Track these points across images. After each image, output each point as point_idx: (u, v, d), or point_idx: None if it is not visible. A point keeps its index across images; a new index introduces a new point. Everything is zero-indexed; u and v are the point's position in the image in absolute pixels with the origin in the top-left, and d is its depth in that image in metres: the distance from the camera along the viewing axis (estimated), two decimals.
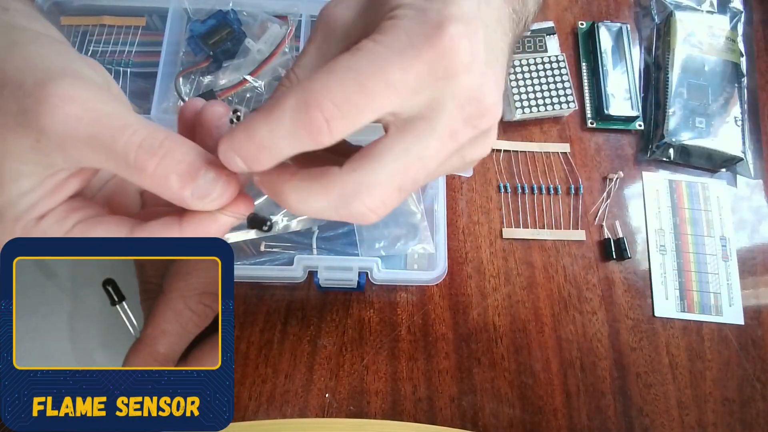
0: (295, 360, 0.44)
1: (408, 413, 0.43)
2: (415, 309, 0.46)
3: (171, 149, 0.20)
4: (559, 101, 0.52)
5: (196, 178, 0.20)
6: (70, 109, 0.19)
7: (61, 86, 0.19)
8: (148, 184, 0.20)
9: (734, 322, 0.47)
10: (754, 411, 0.45)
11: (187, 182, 0.20)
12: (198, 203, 0.20)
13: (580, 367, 0.45)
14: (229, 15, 0.47)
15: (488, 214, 0.50)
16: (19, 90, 0.20)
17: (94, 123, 0.19)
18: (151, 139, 0.20)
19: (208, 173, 0.20)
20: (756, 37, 0.57)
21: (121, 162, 0.20)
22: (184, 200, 0.20)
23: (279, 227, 0.46)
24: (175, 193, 0.20)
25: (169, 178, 0.20)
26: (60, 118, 0.19)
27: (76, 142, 0.19)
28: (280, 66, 0.47)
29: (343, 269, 0.42)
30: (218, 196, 0.20)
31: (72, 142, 0.19)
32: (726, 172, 0.53)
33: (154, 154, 0.19)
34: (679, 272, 0.49)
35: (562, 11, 0.58)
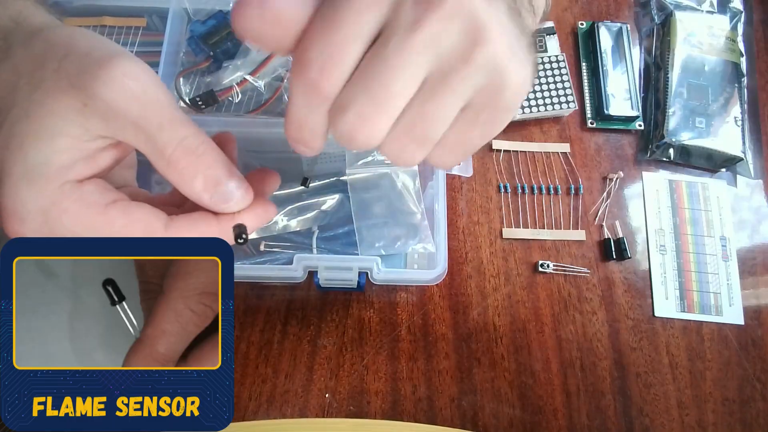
0: (295, 360, 0.44)
1: (408, 413, 0.43)
2: (415, 309, 0.46)
3: (205, 153, 0.22)
4: (559, 101, 0.52)
5: (219, 186, 0.22)
6: (129, 84, 0.20)
7: (128, 63, 0.21)
8: (173, 176, 0.22)
9: (734, 322, 0.47)
10: (754, 411, 0.45)
11: (210, 187, 0.22)
12: (215, 207, 0.23)
13: (580, 367, 0.45)
14: (229, 15, 0.47)
15: (488, 214, 0.50)
16: (85, 57, 0.21)
17: (147, 106, 0.21)
18: (191, 139, 0.21)
19: (230, 182, 0.22)
20: (756, 37, 0.57)
21: (157, 150, 0.21)
22: (201, 201, 0.22)
23: (279, 227, 0.47)
24: (196, 194, 0.22)
25: (195, 179, 0.22)
26: (118, 88, 0.20)
27: (123, 117, 0.20)
28: (280, 66, 0.47)
29: (343, 269, 0.42)
30: (235, 204, 0.23)
31: (119, 115, 0.20)
32: (726, 172, 0.53)
33: (191, 153, 0.21)
34: (679, 272, 0.49)
35: (562, 11, 0.58)
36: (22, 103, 0.21)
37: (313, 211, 0.47)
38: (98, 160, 0.22)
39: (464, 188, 0.51)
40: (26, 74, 0.21)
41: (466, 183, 0.51)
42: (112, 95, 0.20)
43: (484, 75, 0.19)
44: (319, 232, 0.46)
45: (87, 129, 0.21)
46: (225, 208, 0.23)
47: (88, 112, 0.20)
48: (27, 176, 0.21)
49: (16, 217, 0.21)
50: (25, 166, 0.21)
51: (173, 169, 0.21)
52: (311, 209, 0.47)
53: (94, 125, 0.21)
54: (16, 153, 0.21)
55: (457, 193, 0.50)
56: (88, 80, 0.20)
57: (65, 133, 0.21)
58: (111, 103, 0.20)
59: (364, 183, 0.47)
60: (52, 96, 0.21)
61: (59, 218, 0.21)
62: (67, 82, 0.20)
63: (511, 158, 0.52)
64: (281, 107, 0.47)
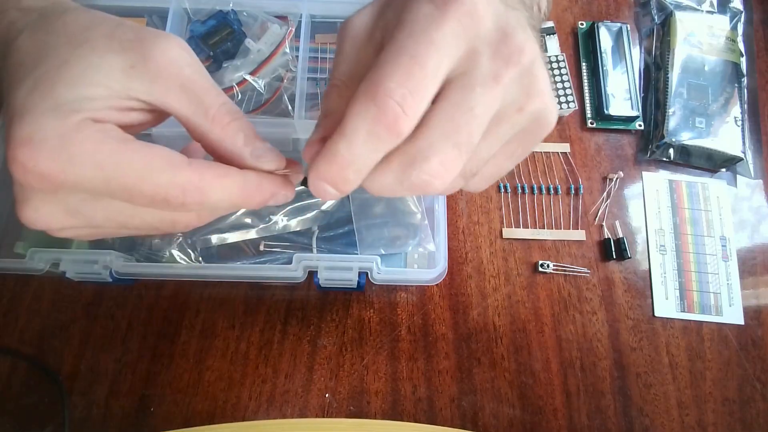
0: (295, 360, 0.44)
1: (408, 413, 0.43)
2: (415, 309, 0.46)
3: (241, 118, 0.24)
4: (559, 101, 0.52)
5: (257, 142, 0.24)
6: (183, 54, 0.23)
7: (179, 38, 0.23)
8: (215, 133, 0.23)
9: (734, 322, 0.47)
10: (754, 411, 0.45)
11: (251, 142, 0.24)
12: (254, 161, 0.24)
13: (580, 367, 0.45)
14: (229, 15, 0.47)
15: (488, 214, 0.50)
16: (142, 30, 0.23)
17: (197, 74, 0.23)
18: (230, 105, 0.24)
19: (266, 144, 0.24)
20: (756, 37, 0.57)
21: (200, 111, 0.23)
22: (242, 155, 0.24)
23: (279, 227, 0.47)
24: (239, 148, 0.24)
25: (238, 135, 0.23)
26: (172, 54, 0.22)
27: (173, 80, 0.22)
28: (280, 66, 0.47)
29: (343, 269, 0.42)
30: (271, 159, 0.24)
31: (169, 78, 0.22)
32: (726, 172, 0.53)
33: (232, 115, 0.23)
34: (679, 272, 0.49)
35: (562, 11, 0.58)
36: (59, 56, 0.21)
37: (313, 211, 0.47)
38: (126, 115, 0.23)
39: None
40: (67, 35, 0.22)
41: None
42: (165, 60, 0.22)
43: (529, 121, 0.22)
44: (319, 232, 0.46)
45: (128, 88, 0.22)
46: (262, 162, 0.24)
47: (135, 73, 0.22)
48: (53, 109, 0.20)
49: (30, 144, 0.20)
50: (54, 102, 0.20)
51: (217, 125, 0.23)
52: (311, 209, 0.47)
53: (135, 86, 0.22)
54: (46, 93, 0.21)
55: (457, 193, 0.50)
56: (145, 45, 0.22)
57: (104, 84, 0.21)
58: (166, 65, 0.22)
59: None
60: (99, 54, 0.21)
61: (81, 144, 0.20)
62: (119, 45, 0.22)
63: None
64: (281, 107, 0.47)
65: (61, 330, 0.45)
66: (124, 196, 0.22)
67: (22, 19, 0.24)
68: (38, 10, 0.24)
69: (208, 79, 0.23)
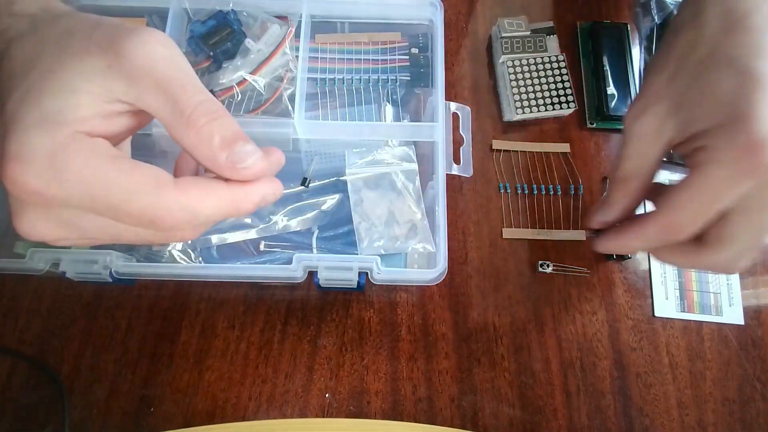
0: (295, 360, 0.44)
1: (408, 413, 0.43)
2: (415, 309, 0.46)
3: (222, 116, 0.22)
4: (559, 101, 0.52)
5: (235, 145, 0.22)
6: (157, 49, 0.22)
7: (156, 32, 0.22)
8: (191, 137, 0.22)
9: (734, 322, 0.47)
10: (754, 411, 0.45)
11: (227, 145, 0.22)
12: (230, 167, 0.22)
13: (580, 367, 0.45)
14: (229, 15, 0.47)
15: (488, 214, 0.50)
16: (116, 28, 0.22)
17: (172, 69, 0.22)
18: (209, 104, 0.22)
19: (246, 145, 0.23)
20: None
21: (176, 111, 0.22)
22: (218, 161, 0.22)
23: (279, 227, 0.47)
24: (214, 153, 0.22)
25: (213, 138, 0.22)
26: (146, 50, 0.21)
27: (148, 77, 0.21)
28: (280, 66, 0.47)
29: (343, 269, 0.42)
30: (251, 165, 0.23)
31: (145, 75, 0.21)
32: None
33: (209, 115, 0.22)
34: (679, 272, 0.49)
35: (562, 11, 0.58)
36: (45, 64, 0.21)
37: (313, 211, 0.47)
38: (113, 122, 0.22)
39: (464, 188, 0.51)
40: (52, 43, 0.22)
41: (466, 183, 0.51)
42: (141, 56, 0.21)
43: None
44: (319, 232, 0.46)
45: (108, 90, 0.21)
46: (240, 168, 0.23)
47: (112, 73, 0.21)
48: (40, 123, 0.20)
49: (19, 160, 0.20)
50: (40, 114, 0.20)
51: (192, 127, 0.22)
52: (311, 209, 0.47)
53: (116, 87, 0.21)
54: (33, 104, 0.21)
55: (457, 193, 0.50)
56: (117, 43, 0.21)
57: (86, 90, 0.21)
58: (139, 62, 0.21)
59: (364, 183, 0.47)
60: (78, 57, 0.21)
61: (68, 162, 0.20)
62: (96, 46, 0.21)
63: (510, 158, 0.52)
64: (281, 107, 0.47)
65: (61, 330, 0.45)
66: (110, 215, 0.22)
67: (13, 27, 0.24)
68: (30, 17, 0.24)
69: (186, 75, 0.22)
